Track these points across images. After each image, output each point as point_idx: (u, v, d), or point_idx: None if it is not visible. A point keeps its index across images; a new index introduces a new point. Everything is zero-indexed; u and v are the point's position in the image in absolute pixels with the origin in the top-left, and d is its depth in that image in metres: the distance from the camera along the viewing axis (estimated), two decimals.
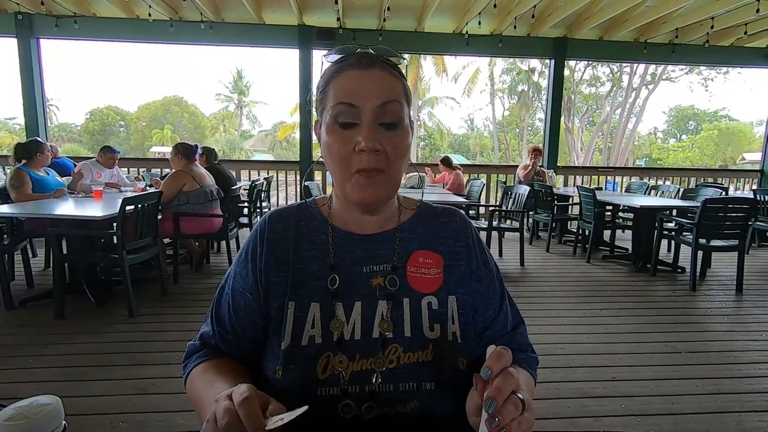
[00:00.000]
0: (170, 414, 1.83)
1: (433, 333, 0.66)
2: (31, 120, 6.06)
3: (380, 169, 0.63)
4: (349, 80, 0.64)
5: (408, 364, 0.64)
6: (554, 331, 2.80)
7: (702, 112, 33.75)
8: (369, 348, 0.64)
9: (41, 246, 4.18)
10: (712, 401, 2.00)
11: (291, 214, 0.74)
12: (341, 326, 0.65)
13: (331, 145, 0.64)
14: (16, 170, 3.42)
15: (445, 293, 0.69)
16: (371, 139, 0.61)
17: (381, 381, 0.63)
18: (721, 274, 4.14)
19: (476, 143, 35.35)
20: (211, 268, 4.13)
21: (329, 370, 0.63)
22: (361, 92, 0.63)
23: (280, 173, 6.94)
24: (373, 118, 0.62)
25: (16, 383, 2.04)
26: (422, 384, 0.63)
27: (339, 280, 0.68)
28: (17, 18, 5.73)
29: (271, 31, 6.18)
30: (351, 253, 0.70)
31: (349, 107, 0.63)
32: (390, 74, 0.65)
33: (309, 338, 0.65)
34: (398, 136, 0.64)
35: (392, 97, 0.64)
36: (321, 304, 0.67)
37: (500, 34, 6.20)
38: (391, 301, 0.67)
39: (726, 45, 6.58)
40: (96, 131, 34.20)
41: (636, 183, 6.11)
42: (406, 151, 0.66)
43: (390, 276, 0.69)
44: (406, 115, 0.66)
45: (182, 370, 0.71)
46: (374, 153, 0.62)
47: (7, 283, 3.01)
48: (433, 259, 0.71)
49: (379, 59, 0.66)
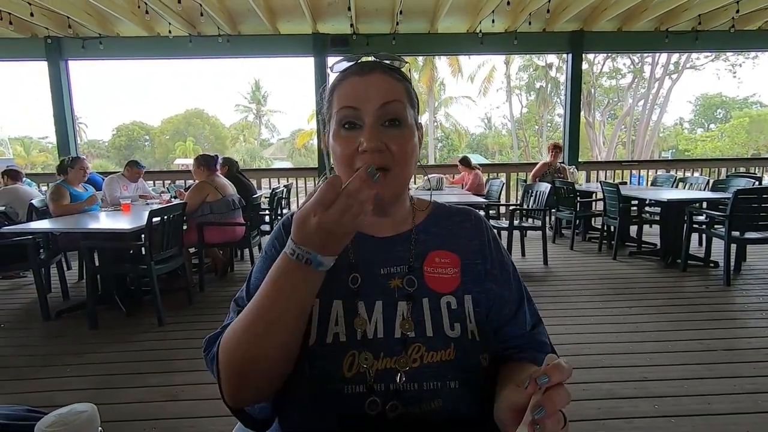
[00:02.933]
0: (200, 420, 1.87)
1: (454, 332, 0.67)
2: (62, 138, 6.34)
3: (386, 168, 0.64)
4: (350, 86, 0.66)
5: (431, 363, 0.64)
6: (581, 330, 2.73)
7: (731, 99, 32.47)
8: (392, 347, 0.65)
9: (74, 259, 4.35)
10: (750, 401, 1.92)
11: None
12: (364, 324, 0.66)
13: (336, 148, 0.66)
14: (56, 185, 3.73)
15: (461, 292, 0.70)
16: (373, 139, 0.63)
17: (405, 380, 0.63)
18: (757, 268, 3.97)
19: (494, 142, 34.97)
20: (235, 276, 4.21)
21: (355, 368, 0.64)
22: (363, 95, 0.65)
23: (299, 180, 7.04)
24: (376, 119, 0.64)
25: (53, 392, 2.13)
26: (446, 383, 0.64)
27: (360, 279, 0.69)
28: (47, 42, 6.02)
29: (287, 40, 6.30)
30: (368, 254, 0.71)
31: (351, 110, 0.65)
32: (391, 77, 0.67)
33: (333, 335, 0.66)
34: (402, 135, 0.66)
35: (393, 97, 0.65)
36: (343, 302, 0.68)
37: (515, 31, 6.13)
38: (411, 302, 0.68)
39: (754, 29, 6.33)
40: (122, 146, 35.46)
41: (662, 176, 5.94)
42: (413, 150, 0.67)
43: (407, 276, 0.70)
44: (409, 115, 0.67)
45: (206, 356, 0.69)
46: (377, 153, 0.63)
47: (45, 295, 3.14)
48: (450, 259, 0.71)
49: (380, 64, 0.68)
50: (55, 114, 6.28)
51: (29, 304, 3.43)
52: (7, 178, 4.52)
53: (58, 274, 3.63)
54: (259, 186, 6.59)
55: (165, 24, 5.67)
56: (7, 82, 67.14)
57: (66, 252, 3.90)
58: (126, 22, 5.63)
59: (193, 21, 5.82)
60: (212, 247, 3.96)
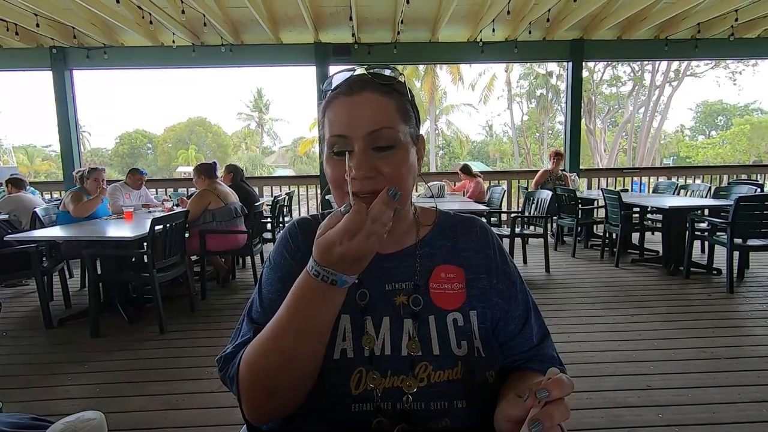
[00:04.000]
0: (201, 428, 1.87)
1: (460, 350, 0.66)
2: (66, 146, 6.39)
3: (377, 191, 0.60)
4: (338, 110, 0.64)
5: (438, 382, 0.63)
6: (583, 338, 2.72)
7: (732, 106, 32.52)
8: (399, 365, 0.64)
9: (77, 266, 4.37)
10: (755, 410, 1.90)
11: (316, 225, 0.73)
12: (372, 342, 0.65)
13: (327, 171, 0.66)
14: (74, 190, 3.89)
15: (467, 308, 0.69)
16: (362, 167, 0.61)
17: (412, 400, 0.62)
18: (761, 275, 3.95)
19: (496, 149, 35.04)
20: (237, 284, 4.21)
21: (363, 386, 0.63)
22: (351, 121, 0.62)
23: (301, 188, 7.05)
24: (365, 145, 0.62)
25: (55, 400, 2.13)
26: (453, 402, 0.63)
27: (368, 295, 0.69)
28: (52, 52, 6.09)
29: (289, 50, 6.36)
30: (374, 270, 0.69)
31: (340, 139, 0.63)
32: (381, 95, 0.64)
33: (341, 351, 0.65)
34: (395, 157, 0.63)
35: (381, 124, 0.62)
36: (351, 317, 0.67)
37: (515, 40, 6.17)
38: (417, 321, 0.67)
39: (753, 37, 6.36)
40: (125, 154, 35.64)
41: (664, 183, 5.93)
42: (408, 170, 0.65)
43: (413, 296, 0.69)
44: (402, 134, 0.64)
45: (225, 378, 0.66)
46: (368, 179, 0.61)
47: (47, 303, 3.15)
48: (455, 273, 0.70)
49: (370, 82, 0.64)
50: (59, 123, 6.33)
51: (32, 312, 3.43)
52: (11, 186, 4.55)
53: (61, 282, 3.63)
54: (261, 194, 6.62)
55: (169, 34, 5.73)
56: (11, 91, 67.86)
57: (68, 260, 3.90)
58: (130, 32, 5.69)
59: (197, 31, 5.88)
60: (214, 255, 3.96)
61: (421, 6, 5.47)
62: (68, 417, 0.44)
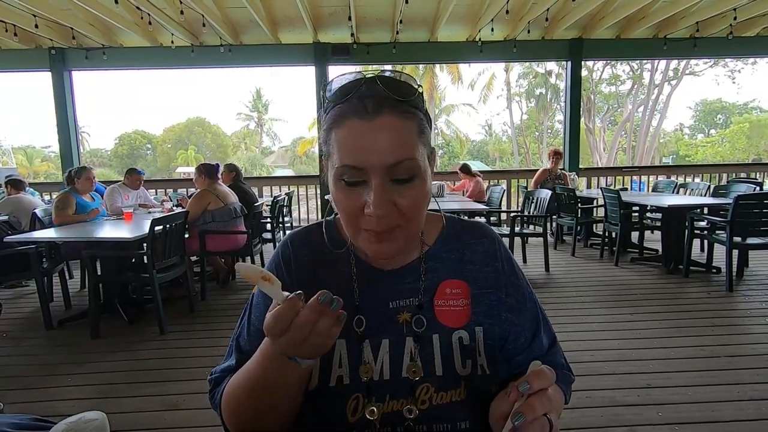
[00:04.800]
0: (200, 429, 1.87)
1: (465, 370, 0.63)
2: (66, 147, 6.38)
3: (395, 226, 0.57)
4: (352, 135, 0.55)
5: (441, 404, 0.61)
6: (582, 337, 2.73)
7: (731, 104, 32.52)
8: (399, 389, 0.61)
9: (77, 268, 4.37)
10: (754, 408, 1.91)
11: (313, 239, 0.70)
12: (370, 372, 0.62)
13: (338, 200, 0.58)
14: (64, 193, 3.70)
15: (473, 324, 0.65)
16: (382, 204, 0.54)
17: (413, 425, 0.60)
18: (760, 273, 3.96)
19: (495, 148, 35.04)
20: (236, 284, 4.21)
21: (359, 412, 0.60)
22: (368, 151, 0.54)
23: (300, 188, 7.06)
24: (384, 178, 0.55)
25: (55, 401, 2.13)
26: (456, 424, 0.60)
27: (365, 321, 0.64)
28: (51, 53, 6.08)
29: (288, 50, 6.35)
30: (376, 288, 0.67)
31: (355, 170, 0.55)
32: (400, 117, 0.56)
33: (337, 378, 0.62)
34: (414, 189, 0.57)
35: (403, 155, 0.55)
36: (347, 343, 0.64)
37: (514, 39, 6.17)
38: (419, 343, 0.63)
39: (751, 35, 6.36)
40: (125, 155, 35.62)
41: (663, 182, 5.94)
42: (426, 197, 0.59)
43: (417, 316, 0.65)
44: (422, 162, 0.58)
45: (211, 400, 0.68)
46: (386, 216, 0.55)
47: (47, 304, 3.15)
48: (461, 289, 0.66)
49: (387, 102, 0.55)
50: (58, 123, 6.33)
51: (32, 313, 3.44)
52: (10, 188, 4.55)
53: (61, 283, 3.63)
54: (260, 194, 6.62)
55: (168, 34, 5.73)
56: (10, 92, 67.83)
57: (68, 261, 3.90)
58: (129, 33, 5.69)
59: (196, 31, 5.88)
60: (214, 255, 3.97)
61: (420, 6, 5.47)
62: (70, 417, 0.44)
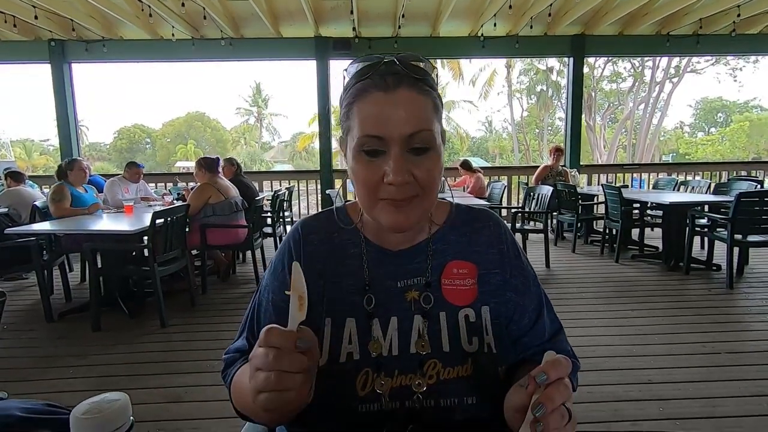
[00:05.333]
0: (204, 421, 1.87)
1: (471, 346, 0.65)
2: (65, 141, 6.36)
3: (413, 196, 0.61)
4: (373, 107, 0.59)
5: (448, 379, 0.63)
6: (584, 333, 2.73)
7: (732, 103, 32.52)
8: (407, 364, 0.64)
9: (77, 260, 4.36)
10: (755, 404, 1.92)
11: (324, 225, 0.73)
12: (380, 347, 0.64)
13: (357, 172, 0.62)
14: (57, 185, 3.68)
15: (479, 304, 0.68)
16: (401, 172, 0.58)
17: (421, 398, 0.62)
18: (760, 271, 3.97)
19: (495, 145, 34.99)
20: (237, 278, 4.21)
21: (369, 386, 0.62)
22: (388, 121, 0.58)
23: (301, 182, 7.05)
24: (402, 148, 0.59)
25: (57, 393, 2.13)
26: (463, 399, 0.62)
27: (375, 300, 0.67)
28: (50, 45, 6.05)
29: (289, 44, 6.33)
30: (384, 268, 0.69)
31: (375, 140, 0.59)
32: (418, 92, 0.60)
33: (347, 354, 0.64)
34: (430, 160, 0.61)
35: (421, 126, 0.59)
36: (356, 319, 0.66)
37: (516, 35, 6.15)
38: (427, 319, 0.66)
39: (754, 33, 6.34)
40: (124, 149, 35.52)
41: (664, 179, 5.94)
42: (440, 171, 0.63)
43: (424, 293, 0.67)
44: (437, 136, 0.62)
45: (223, 381, 0.71)
46: (404, 185, 0.59)
47: (47, 297, 3.14)
48: (468, 269, 0.69)
49: (405, 77, 0.60)
50: (57, 116, 6.30)
51: (32, 306, 3.43)
52: (10, 180, 4.53)
53: (61, 276, 3.63)
54: (260, 188, 6.61)
55: (168, 27, 5.70)
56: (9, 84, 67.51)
57: (68, 254, 3.90)
58: (130, 25, 5.66)
59: (197, 24, 5.84)
60: (215, 249, 3.96)
61: (422, 0, 5.44)
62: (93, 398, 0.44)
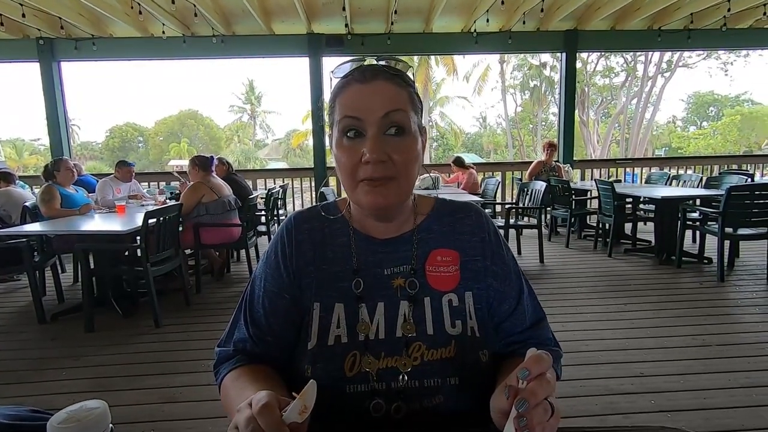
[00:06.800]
0: (199, 421, 1.87)
1: (454, 329, 0.68)
2: (55, 140, 6.28)
3: (389, 177, 0.64)
4: (353, 94, 0.66)
5: (432, 360, 0.66)
6: (577, 327, 2.75)
7: (723, 97, 32.77)
8: (393, 346, 0.67)
9: (69, 261, 4.33)
10: (745, 395, 1.94)
11: (315, 216, 0.77)
12: (367, 329, 0.68)
13: (339, 157, 0.66)
14: (46, 186, 3.65)
15: (462, 289, 0.71)
16: (376, 150, 0.63)
17: (407, 378, 0.65)
18: (750, 264, 4.01)
19: (489, 141, 35.05)
20: (232, 277, 4.20)
21: (357, 368, 0.65)
22: (365, 105, 0.64)
23: (295, 180, 7.02)
24: (378, 129, 0.64)
25: (51, 394, 2.12)
26: (446, 379, 0.65)
27: (363, 284, 0.70)
28: (39, 43, 5.96)
29: (281, 41, 6.28)
30: (372, 256, 0.73)
31: (354, 120, 0.64)
32: (394, 84, 0.66)
33: (335, 338, 0.67)
34: (405, 143, 0.65)
35: (396, 106, 0.65)
36: (344, 304, 0.69)
37: (509, 31, 6.15)
38: (413, 304, 0.69)
39: (745, 27, 6.38)
40: (116, 148, 35.20)
41: (656, 173, 5.97)
42: (417, 157, 0.67)
43: (410, 279, 0.71)
44: (413, 122, 0.67)
45: (214, 376, 0.72)
46: (380, 163, 0.63)
47: (39, 298, 3.11)
48: (451, 257, 0.72)
49: (383, 70, 0.66)
50: (47, 116, 6.22)
51: (24, 308, 3.40)
52: (0, 181, 4.48)
53: (53, 277, 3.60)
54: (254, 187, 6.58)
55: (159, 24, 5.63)
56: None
57: (60, 254, 3.87)
58: (119, 22, 5.59)
59: (187, 21, 5.78)
60: (209, 248, 3.94)
61: None
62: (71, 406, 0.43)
